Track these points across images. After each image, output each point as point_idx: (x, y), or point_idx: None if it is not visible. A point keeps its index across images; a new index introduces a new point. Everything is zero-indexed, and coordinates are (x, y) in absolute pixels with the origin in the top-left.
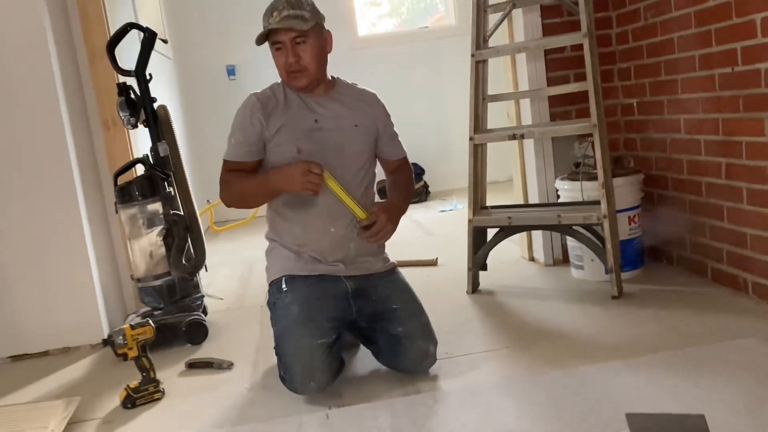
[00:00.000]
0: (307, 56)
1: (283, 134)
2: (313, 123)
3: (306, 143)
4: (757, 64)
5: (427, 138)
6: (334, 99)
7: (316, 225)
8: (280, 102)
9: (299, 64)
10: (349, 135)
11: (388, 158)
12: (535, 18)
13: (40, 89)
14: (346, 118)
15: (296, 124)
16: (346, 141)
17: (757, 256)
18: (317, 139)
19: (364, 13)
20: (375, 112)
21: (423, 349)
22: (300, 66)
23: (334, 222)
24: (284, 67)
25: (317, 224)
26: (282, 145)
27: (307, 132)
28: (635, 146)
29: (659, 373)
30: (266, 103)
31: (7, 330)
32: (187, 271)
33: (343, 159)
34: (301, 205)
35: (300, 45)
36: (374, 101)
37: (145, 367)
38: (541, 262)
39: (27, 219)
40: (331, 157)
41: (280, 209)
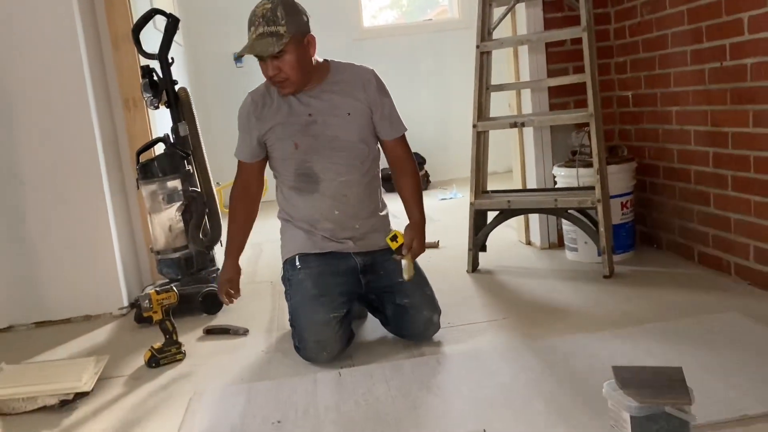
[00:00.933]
0: (287, 67)
1: (279, 131)
2: (308, 117)
3: (302, 138)
4: (744, 59)
5: (429, 128)
6: (326, 89)
7: (321, 208)
8: (274, 98)
9: (280, 76)
10: (343, 125)
11: (386, 137)
12: (538, 12)
13: (69, 72)
14: (339, 108)
15: (291, 120)
16: (341, 132)
17: (740, 239)
18: (313, 133)
19: (365, 4)
20: (368, 93)
21: (428, 318)
22: (281, 77)
23: (338, 205)
24: (269, 78)
25: (322, 207)
26: (280, 142)
27: (302, 127)
28: (629, 137)
29: (645, 341)
30: (259, 103)
31: (32, 297)
32: (204, 245)
33: (341, 150)
34: (305, 191)
35: (279, 58)
36: (368, 81)
37: (169, 330)
38: (537, 246)
39: (54, 194)
40: (327, 150)
41: (287, 192)
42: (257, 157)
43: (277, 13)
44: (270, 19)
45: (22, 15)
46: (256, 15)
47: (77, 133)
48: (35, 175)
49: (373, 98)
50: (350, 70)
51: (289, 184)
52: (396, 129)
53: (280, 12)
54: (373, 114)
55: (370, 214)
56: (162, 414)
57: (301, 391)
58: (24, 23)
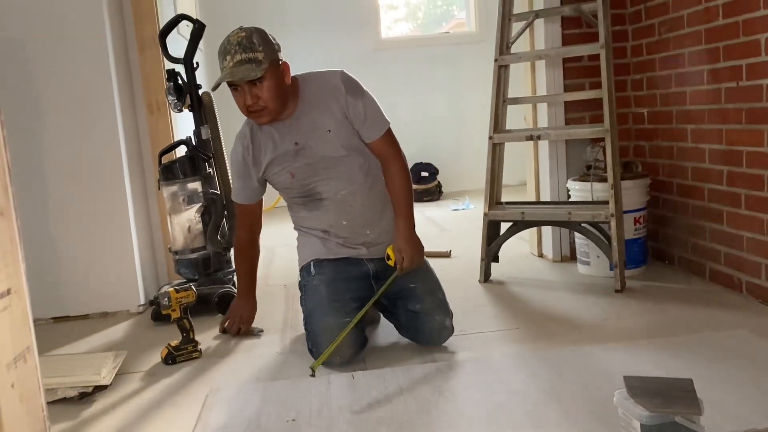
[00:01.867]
0: (265, 95)
1: (274, 166)
2: (294, 146)
3: (296, 167)
4: (760, 80)
5: (442, 139)
6: (302, 111)
7: (330, 221)
8: (258, 137)
9: (258, 104)
10: (329, 143)
11: (367, 141)
12: (556, 28)
13: (97, 74)
14: (319, 127)
15: (281, 154)
16: (329, 150)
17: (752, 257)
18: (304, 160)
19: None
20: (339, 102)
21: (440, 323)
22: (259, 106)
23: (345, 216)
24: (244, 108)
25: (330, 220)
26: (277, 176)
27: (292, 157)
28: (644, 153)
29: (655, 355)
30: (249, 147)
31: (52, 293)
32: (222, 246)
33: (335, 167)
34: (312, 207)
35: (256, 86)
36: (336, 88)
37: (186, 328)
38: (550, 258)
39: (77, 192)
40: (323, 170)
41: (296, 209)
42: (259, 196)
43: (253, 39)
44: (246, 46)
45: (52, 19)
46: (231, 43)
47: (102, 133)
48: (59, 173)
49: (346, 105)
50: (318, 81)
51: (296, 202)
52: (377, 128)
53: (255, 39)
54: (351, 121)
55: (380, 217)
56: (179, 409)
57: (315, 391)
58: (54, 27)
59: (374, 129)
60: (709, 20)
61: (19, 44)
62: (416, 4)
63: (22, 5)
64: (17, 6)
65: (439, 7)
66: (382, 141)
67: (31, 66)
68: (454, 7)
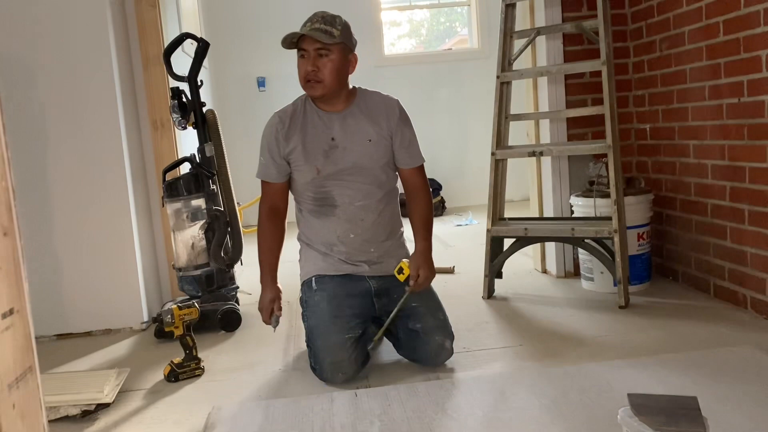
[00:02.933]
0: (326, 69)
1: (302, 154)
2: (330, 141)
3: (324, 163)
4: (761, 96)
5: (446, 155)
6: (351, 114)
7: (337, 231)
8: (300, 119)
9: (317, 75)
10: (364, 151)
11: (403, 166)
12: (558, 45)
13: (102, 92)
14: (361, 134)
15: (314, 144)
16: (361, 158)
17: (756, 273)
18: (334, 158)
19: (384, 32)
20: (391, 122)
21: (440, 343)
22: (317, 77)
23: (354, 228)
24: (303, 75)
25: (338, 230)
26: (302, 165)
27: (324, 151)
28: (647, 169)
29: (659, 371)
30: (286, 122)
31: (55, 310)
32: (225, 263)
33: (361, 176)
34: (323, 214)
35: (322, 57)
36: (392, 110)
37: (189, 345)
38: (553, 274)
39: (81, 209)
40: (347, 176)
41: (305, 215)
42: (284, 175)
43: (336, 20)
44: (328, 20)
45: (57, 37)
46: (316, 15)
47: (107, 150)
48: (63, 190)
49: (395, 127)
50: (376, 98)
51: (308, 207)
52: (414, 159)
53: (338, 20)
54: (394, 143)
55: (386, 238)
56: (181, 427)
57: (318, 409)
58: (59, 45)
59: (413, 159)
60: (710, 37)
61: (25, 63)
62: (419, 21)
63: (28, 24)
64: (23, 25)
65: (442, 24)
66: (416, 171)
67: (36, 84)
68: (456, 23)
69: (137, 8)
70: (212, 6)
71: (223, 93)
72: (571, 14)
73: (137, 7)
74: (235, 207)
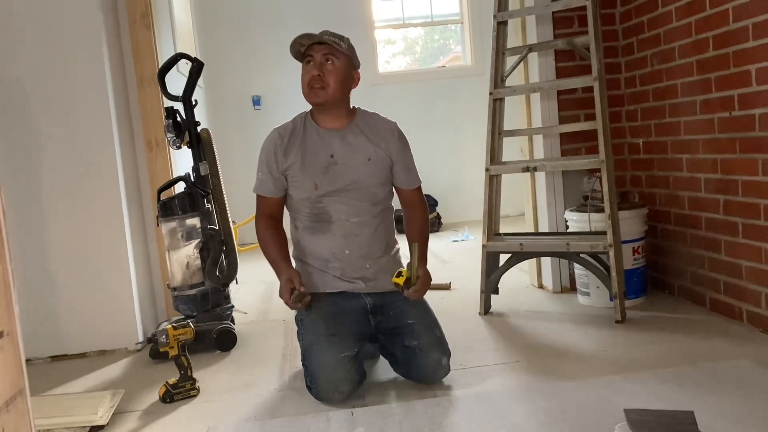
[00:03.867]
0: (331, 76)
1: (300, 170)
2: (329, 158)
3: (322, 179)
4: (752, 109)
5: (441, 171)
6: (351, 132)
7: (333, 247)
8: (299, 135)
9: (322, 80)
10: (363, 170)
11: (401, 187)
12: (550, 61)
13: (96, 112)
14: (360, 153)
15: (313, 160)
16: (360, 176)
17: (751, 286)
18: (332, 175)
19: (379, 50)
20: (390, 143)
21: (436, 361)
22: (322, 82)
23: (349, 244)
24: (308, 81)
25: (333, 246)
26: (300, 180)
27: (323, 168)
28: (641, 183)
29: (656, 386)
30: (285, 138)
31: (49, 331)
32: (220, 282)
33: (358, 193)
34: (318, 230)
35: (328, 63)
36: (390, 132)
37: (184, 366)
38: (550, 289)
39: (76, 229)
40: (344, 192)
41: (301, 232)
42: (281, 190)
43: (344, 37)
44: (337, 35)
45: (52, 57)
46: (324, 30)
47: (101, 170)
48: (57, 209)
49: (393, 149)
50: (376, 119)
51: (303, 223)
52: (412, 181)
53: (346, 38)
54: (393, 164)
55: (382, 254)
56: None
57: (314, 429)
58: (54, 64)
59: (410, 180)
60: (700, 52)
61: (20, 81)
62: (414, 39)
63: (23, 43)
64: (18, 44)
65: (437, 41)
66: (415, 191)
67: (31, 103)
68: (450, 41)
69: (132, 29)
70: (207, 25)
71: (219, 112)
72: (563, 31)
73: (132, 28)
74: (230, 226)
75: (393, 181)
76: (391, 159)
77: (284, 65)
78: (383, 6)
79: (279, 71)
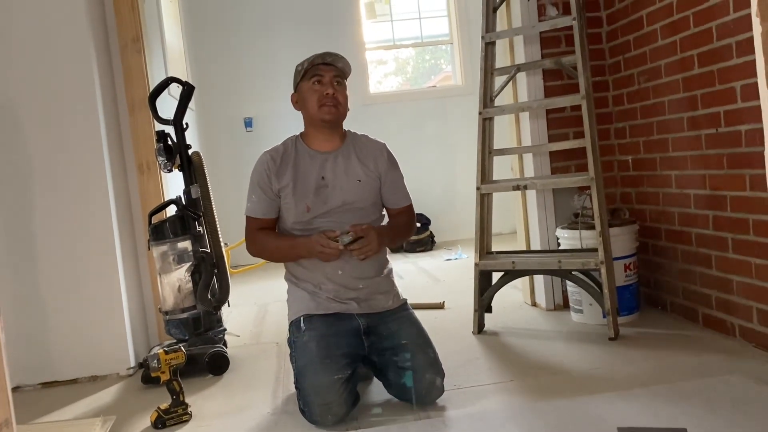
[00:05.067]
0: (341, 96)
1: (292, 191)
2: (320, 180)
3: (314, 200)
4: (738, 126)
5: (434, 190)
6: (341, 154)
7: (325, 268)
8: (291, 158)
9: (335, 98)
10: (353, 191)
11: (390, 207)
12: (538, 80)
13: (87, 137)
14: (351, 174)
15: (304, 182)
16: (351, 197)
17: (743, 301)
18: (324, 197)
19: (371, 70)
20: (379, 164)
21: (430, 381)
22: (335, 100)
23: (342, 265)
24: (319, 98)
25: (326, 267)
26: (292, 202)
27: (314, 189)
28: (630, 199)
29: (650, 403)
30: (277, 160)
31: (40, 358)
32: (212, 305)
33: (350, 215)
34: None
35: (339, 85)
36: (380, 153)
37: (176, 390)
38: (543, 307)
39: (67, 253)
40: (335, 213)
41: None
42: (274, 210)
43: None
44: (340, 57)
45: (43, 81)
46: (327, 51)
47: (92, 194)
48: (48, 234)
49: (383, 170)
50: (365, 140)
51: None
52: (401, 200)
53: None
54: (382, 185)
55: (375, 274)
56: None
57: None
58: (45, 89)
59: (400, 199)
60: (686, 69)
61: (10, 105)
62: (405, 59)
63: (13, 67)
64: (9, 68)
65: (427, 61)
66: (405, 209)
67: (22, 126)
68: (441, 60)
69: (123, 53)
70: (198, 48)
71: (210, 134)
72: (550, 50)
73: (123, 53)
74: (221, 248)
75: (383, 200)
76: (380, 179)
77: (275, 87)
78: (374, 27)
79: (270, 93)
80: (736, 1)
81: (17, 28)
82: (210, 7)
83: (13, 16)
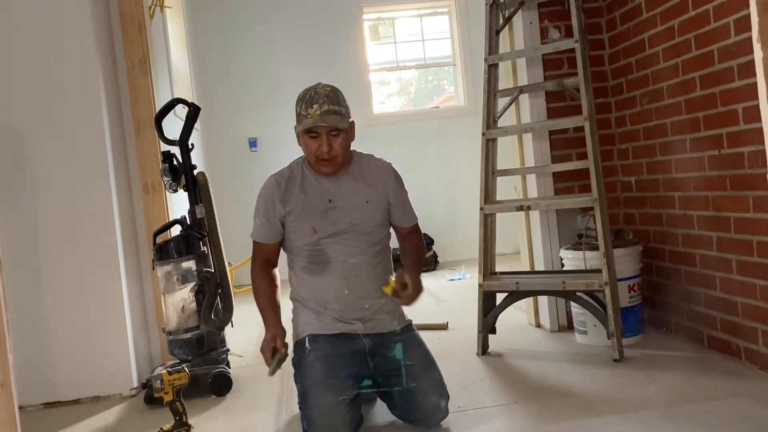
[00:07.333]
0: (338, 147)
1: (299, 214)
2: (327, 203)
3: (321, 222)
4: (741, 147)
5: (437, 210)
6: (348, 176)
7: (331, 288)
8: (297, 181)
9: (330, 153)
10: (361, 213)
11: (399, 225)
12: (541, 102)
13: (93, 158)
14: (358, 196)
15: (311, 204)
16: (358, 219)
17: (747, 322)
18: (331, 219)
19: (375, 91)
20: (386, 184)
21: (435, 404)
22: (331, 155)
23: (348, 285)
24: (315, 154)
25: (332, 287)
26: (299, 225)
27: (321, 212)
28: (634, 220)
29: (655, 425)
30: (283, 185)
31: (43, 378)
32: (216, 325)
33: (357, 235)
34: (316, 272)
35: (335, 137)
36: (386, 173)
37: (179, 411)
38: (547, 328)
39: (72, 273)
40: (344, 235)
41: (299, 273)
42: (278, 236)
43: (338, 95)
44: (333, 99)
45: (50, 103)
46: (318, 94)
47: (98, 213)
48: (53, 253)
49: (390, 190)
50: (371, 161)
51: (301, 265)
52: (409, 219)
53: (340, 95)
54: (391, 205)
55: (380, 294)
56: None
57: None
58: (52, 110)
59: (407, 218)
60: (688, 92)
61: (17, 127)
62: (408, 80)
63: (21, 88)
64: (16, 91)
65: (430, 82)
66: (413, 228)
67: (28, 148)
68: (444, 81)
69: (130, 75)
70: (204, 69)
71: (215, 154)
72: (553, 72)
73: (130, 75)
74: (225, 268)
75: (391, 219)
76: (389, 200)
77: (280, 107)
78: (378, 49)
79: (275, 113)
80: (737, 25)
81: (25, 50)
82: (215, 28)
83: (21, 38)
